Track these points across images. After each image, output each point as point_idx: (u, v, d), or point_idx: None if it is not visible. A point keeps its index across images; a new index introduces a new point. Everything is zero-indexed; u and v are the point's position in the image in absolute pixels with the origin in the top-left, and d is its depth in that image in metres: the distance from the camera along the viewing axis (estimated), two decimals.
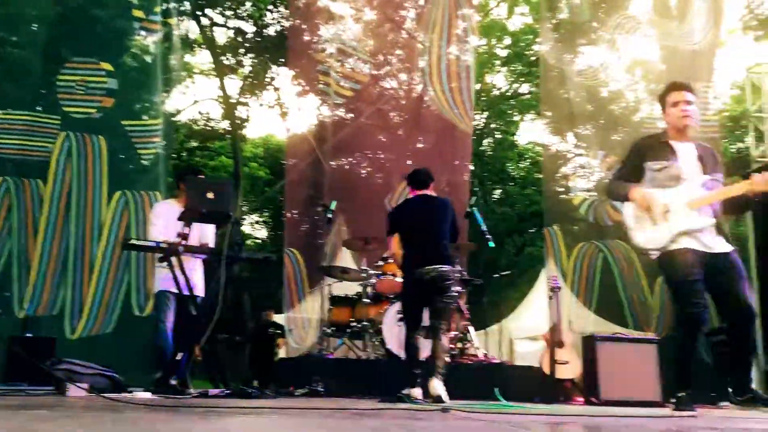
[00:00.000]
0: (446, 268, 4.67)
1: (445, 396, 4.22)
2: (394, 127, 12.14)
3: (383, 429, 2.04)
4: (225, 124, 19.67)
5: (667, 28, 11.73)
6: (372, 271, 6.59)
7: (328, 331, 6.71)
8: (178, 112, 18.72)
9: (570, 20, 12.56)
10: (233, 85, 18.87)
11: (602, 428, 2.46)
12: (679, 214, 3.54)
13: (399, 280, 5.90)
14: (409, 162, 10.90)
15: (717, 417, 3.40)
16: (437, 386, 4.28)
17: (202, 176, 5.16)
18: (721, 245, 3.56)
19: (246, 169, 20.25)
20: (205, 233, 4.92)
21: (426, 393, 4.34)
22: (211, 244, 4.95)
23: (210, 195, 4.36)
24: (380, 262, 6.55)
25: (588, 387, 5.75)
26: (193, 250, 4.51)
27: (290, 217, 10.09)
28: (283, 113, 18.15)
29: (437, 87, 10.79)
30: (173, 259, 4.38)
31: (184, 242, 4.33)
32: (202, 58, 19.09)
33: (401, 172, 10.74)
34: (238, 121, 18.17)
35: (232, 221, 4.46)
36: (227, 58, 17.55)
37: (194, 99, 19.54)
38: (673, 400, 3.53)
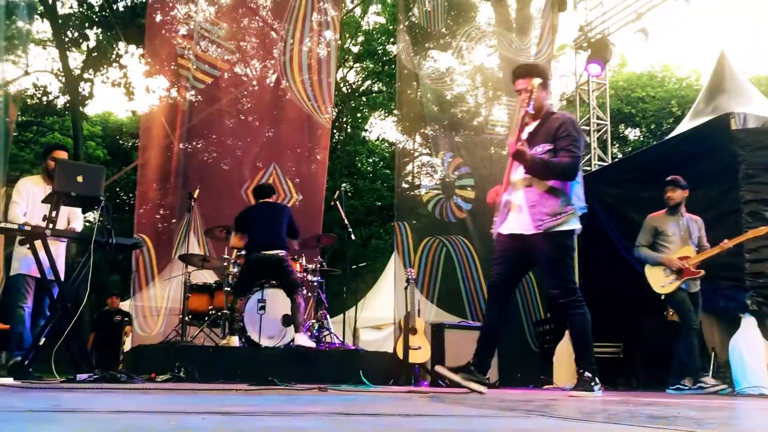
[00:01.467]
0: (283, 252, 6.11)
1: (310, 344, 5.79)
2: (249, 115, 12.11)
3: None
4: (62, 100, 18.43)
5: (507, 39, 12.78)
6: (233, 260, 6.69)
7: (186, 319, 6.72)
8: (7, 83, 17.25)
9: (421, 25, 13.21)
10: (74, 58, 17.73)
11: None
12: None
13: None
14: (262, 151, 10.95)
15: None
16: (301, 339, 5.75)
17: (65, 154, 4.96)
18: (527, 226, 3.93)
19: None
20: (73, 217, 4.80)
21: None
22: (79, 229, 4.83)
23: (80, 178, 4.30)
24: (243, 252, 6.67)
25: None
26: (60, 234, 4.41)
27: (141, 201, 9.79)
28: (129, 93, 17.34)
29: (297, 78, 10.95)
30: (37, 243, 4.27)
31: (51, 226, 4.23)
32: (38, 26, 17.74)
33: (256, 161, 10.85)
34: (80, 98, 17.08)
35: (102, 206, 4.42)
36: (71, 31, 16.44)
37: (26, 70, 18.09)
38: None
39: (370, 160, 22.68)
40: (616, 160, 11.82)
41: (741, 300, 6.36)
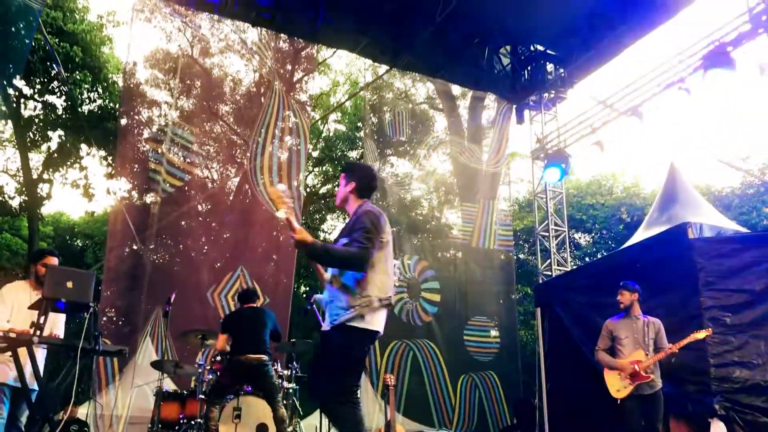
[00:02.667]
0: (266, 357, 6.18)
1: None
2: (214, 219, 12.21)
3: None
4: (17, 200, 18.17)
5: (460, 147, 13.40)
6: (207, 366, 6.58)
7: (156, 429, 6.49)
8: None
9: (382, 132, 13.77)
10: (34, 159, 17.65)
11: None
12: None
13: None
14: (229, 254, 10.98)
15: None
16: None
17: (55, 260, 4.93)
18: None
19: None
20: (55, 323, 4.72)
21: None
22: (61, 335, 4.74)
23: (69, 284, 4.29)
24: (218, 357, 6.59)
25: None
26: (47, 342, 4.33)
27: (104, 304, 9.59)
28: (88, 194, 17.25)
29: (266, 180, 11.13)
30: (20, 350, 4.19)
31: (39, 332, 4.17)
32: None
33: (223, 264, 10.83)
34: (38, 197, 16.90)
35: (90, 312, 4.38)
36: (33, 132, 16.49)
37: None
38: None
39: None
40: (580, 265, 12.27)
41: (709, 404, 6.51)
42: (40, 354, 4.70)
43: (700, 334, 5.89)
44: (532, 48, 11.85)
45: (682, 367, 6.25)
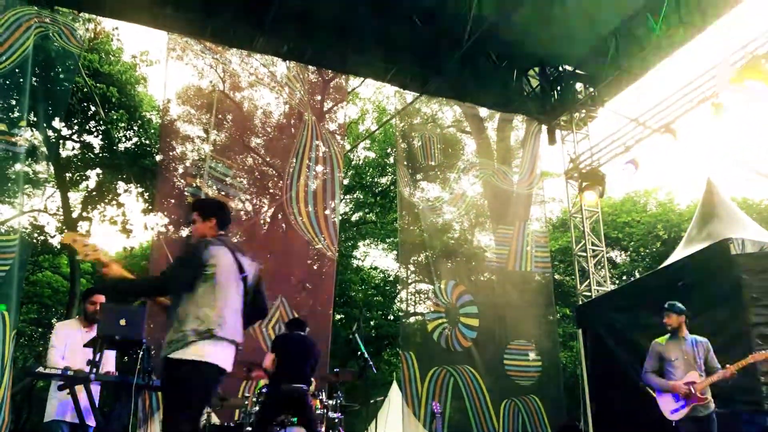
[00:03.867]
0: (306, 387, 6.22)
1: None
2: (252, 249, 12.32)
3: None
4: (58, 239, 18.58)
5: (491, 169, 13.37)
6: (254, 399, 6.64)
7: None
8: (6, 221, 17.53)
9: (414, 158, 13.85)
10: (73, 197, 18.12)
11: None
12: None
13: None
14: (268, 284, 11.08)
15: None
16: None
17: (103, 298, 5.08)
18: None
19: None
20: (108, 359, 4.83)
21: None
22: (112, 371, 4.85)
23: (122, 322, 4.40)
24: (264, 390, 6.63)
25: None
26: (102, 379, 4.43)
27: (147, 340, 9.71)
28: (127, 231, 17.59)
29: (303, 210, 11.23)
30: (77, 387, 4.29)
31: (95, 370, 4.27)
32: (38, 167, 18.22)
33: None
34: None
35: (143, 348, 4.48)
36: (72, 172, 16.94)
37: (27, 208, 18.41)
38: None
39: (362, 288, 22.83)
40: (620, 285, 12.12)
41: (762, 424, 6.38)
42: (95, 390, 4.81)
43: (761, 356, 5.77)
44: (560, 68, 11.89)
45: (732, 387, 6.12)
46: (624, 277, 18.86)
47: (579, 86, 11.87)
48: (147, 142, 16.33)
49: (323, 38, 10.38)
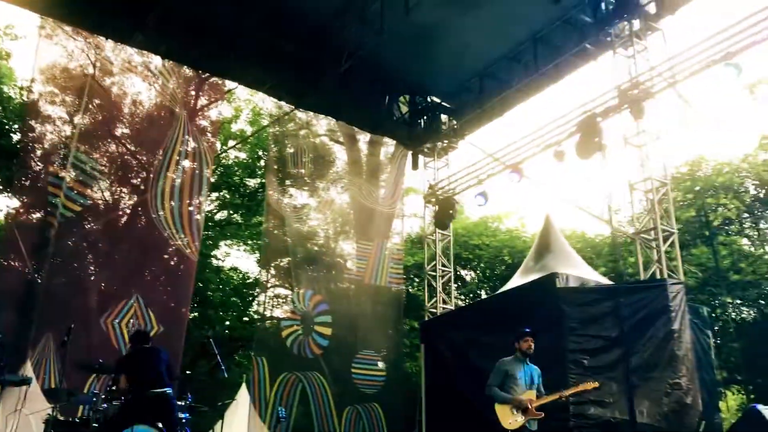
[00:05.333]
0: (170, 391, 6.31)
1: None
2: (110, 245, 12.03)
3: None
4: None
5: (358, 182, 13.93)
6: (103, 396, 6.66)
7: None
8: None
9: (284, 163, 14.14)
10: None
11: None
12: None
13: None
14: (123, 281, 10.87)
15: None
16: None
17: None
18: None
19: None
20: None
21: None
22: None
23: None
24: (114, 387, 6.67)
25: None
26: None
27: None
28: None
29: (166, 207, 11.10)
30: None
31: None
32: None
33: (118, 291, 10.67)
34: None
35: None
36: None
37: None
38: None
39: (220, 288, 22.57)
40: (461, 306, 13.09)
41: None
42: None
43: (589, 385, 6.58)
44: (429, 99, 12.71)
45: (545, 405, 6.97)
46: (471, 295, 20.10)
47: (444, 118, 12.74)
48: (6, 120, 15.39)
49: (206, 44, 10.42)
